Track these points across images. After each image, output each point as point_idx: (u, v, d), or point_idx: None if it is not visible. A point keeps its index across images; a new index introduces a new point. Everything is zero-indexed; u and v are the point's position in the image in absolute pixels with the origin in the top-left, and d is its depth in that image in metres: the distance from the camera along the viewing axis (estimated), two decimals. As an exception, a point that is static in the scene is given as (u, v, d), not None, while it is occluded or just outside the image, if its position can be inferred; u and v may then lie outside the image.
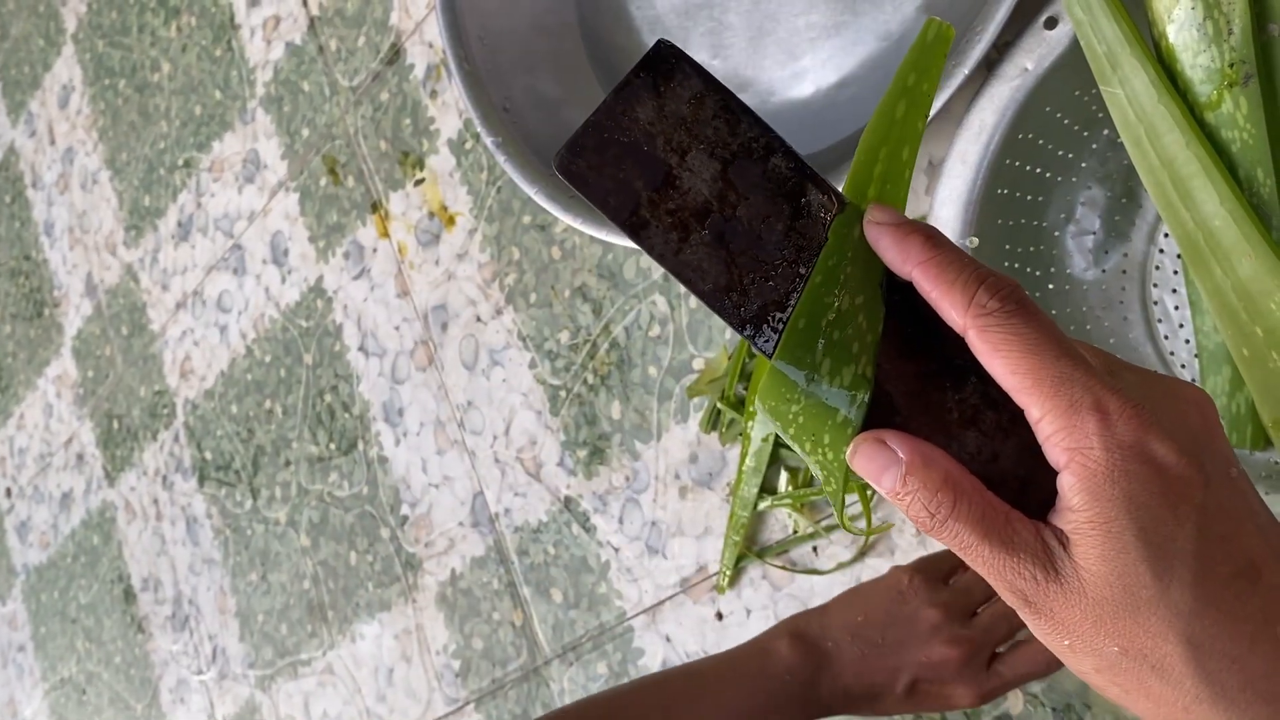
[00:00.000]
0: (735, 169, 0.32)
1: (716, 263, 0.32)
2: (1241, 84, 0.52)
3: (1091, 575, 0.29)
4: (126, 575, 1.42)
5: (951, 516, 0.30)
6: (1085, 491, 0.29)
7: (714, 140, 0.32)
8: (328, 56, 1.09)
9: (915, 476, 0.31)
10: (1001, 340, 0.30)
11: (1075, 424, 0.29)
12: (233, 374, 1.23)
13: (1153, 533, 0.29)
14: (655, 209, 0.32)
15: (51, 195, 1.54)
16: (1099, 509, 0.29)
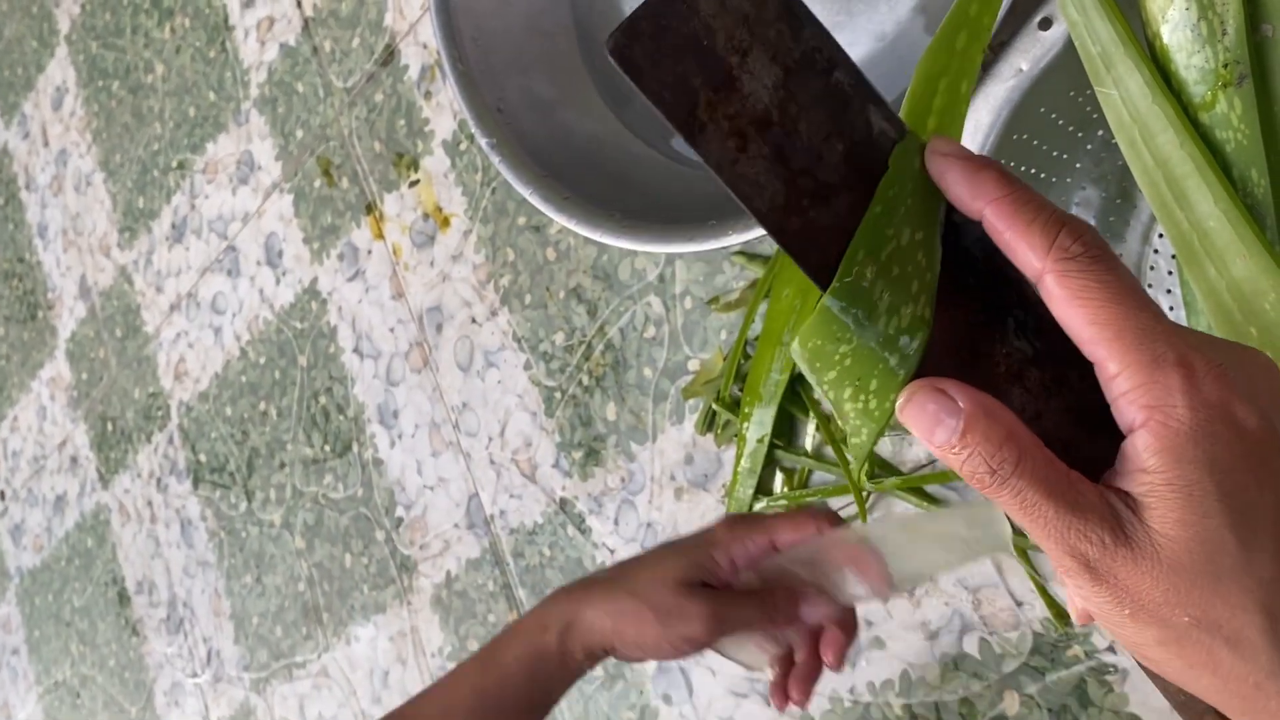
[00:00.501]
0: (796, 79, 0.29)
1: (775, 179, 0.29)
2: (1236, 84, 0.52)
3: (1168, 540, 0.27)
4: (121, 578, 1.42)
5: (1015, 474, 0.28)
6: (1165, 452, 0.27)
7: (776, 43, 0.29)
8: (322, 57, 1.09)
9: (976, 430, 0.28)
10: (1082, 287, 0.28)
11: (1158, 380, 0.27)
12: (227, 376, 1.22)
13: (1237, 498, 0.27)
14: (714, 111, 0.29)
15: (45, 197, 1.53)
16: (1180, 471, 0.27)
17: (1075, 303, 0.28)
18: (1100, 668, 0.62)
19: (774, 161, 0.29)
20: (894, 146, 0.30)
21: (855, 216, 0.29)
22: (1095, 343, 0.28)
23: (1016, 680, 0.65)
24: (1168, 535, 0.27)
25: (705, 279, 0.80)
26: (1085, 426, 0.29)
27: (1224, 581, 0.27)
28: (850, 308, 0.29)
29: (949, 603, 0.68)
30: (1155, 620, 0.28)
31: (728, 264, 0.79)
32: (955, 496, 0.67)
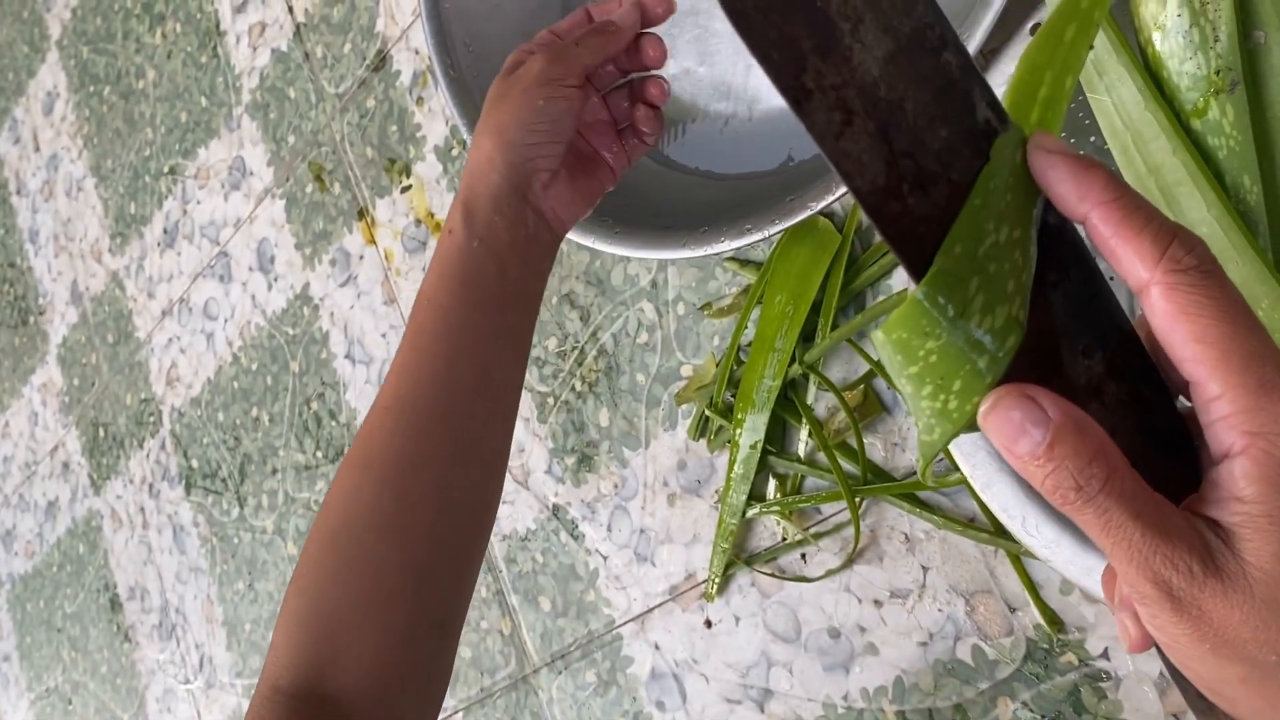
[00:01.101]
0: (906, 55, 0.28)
1: (878, 159, 0.28)
2: (1228, 91, 0.52)
3: (1264, 574, 0.26)
4: (113, 584, 1.41)
5: (1103, 491, 0.27)
6: (1265, 481, 0.26)
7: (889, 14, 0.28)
8: (314, 63, 1.09)
9: (1065, 443, 0.27)
10: (1192, 303, 0.26)
11: (1264, 406, 0.26)
12: (219, 382, 1.22)
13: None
14: (821, 79, 0.27)
15: (36, 202, 1.53)
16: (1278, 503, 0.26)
17: (1182, 318, 0.27)
18: (1094, 674, 0.62)
19: (878, 140, 0.28)
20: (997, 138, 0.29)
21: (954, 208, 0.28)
22: (1198, 362, 0.27)
23: (1010, 687, 0.65)
24: (1263, 569, 0.26)
25: (698, 285, 0.80)
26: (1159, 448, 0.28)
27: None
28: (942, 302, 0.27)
29: (942, 609, 0.68)
30: (1240, 657, 0.27)
31: (720, 270, 0.79)
32: (948, 504, 0.67)
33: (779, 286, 0.72)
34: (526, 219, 0.54)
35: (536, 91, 0.53)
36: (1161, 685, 0.60)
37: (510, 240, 0.53)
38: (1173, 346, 0.27)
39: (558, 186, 0.56)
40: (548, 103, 0.53)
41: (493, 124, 0.54)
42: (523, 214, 0.54)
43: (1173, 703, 0.59)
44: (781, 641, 0.75)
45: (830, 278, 0.71)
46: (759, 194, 0.71)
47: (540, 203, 0.55)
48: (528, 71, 0.54)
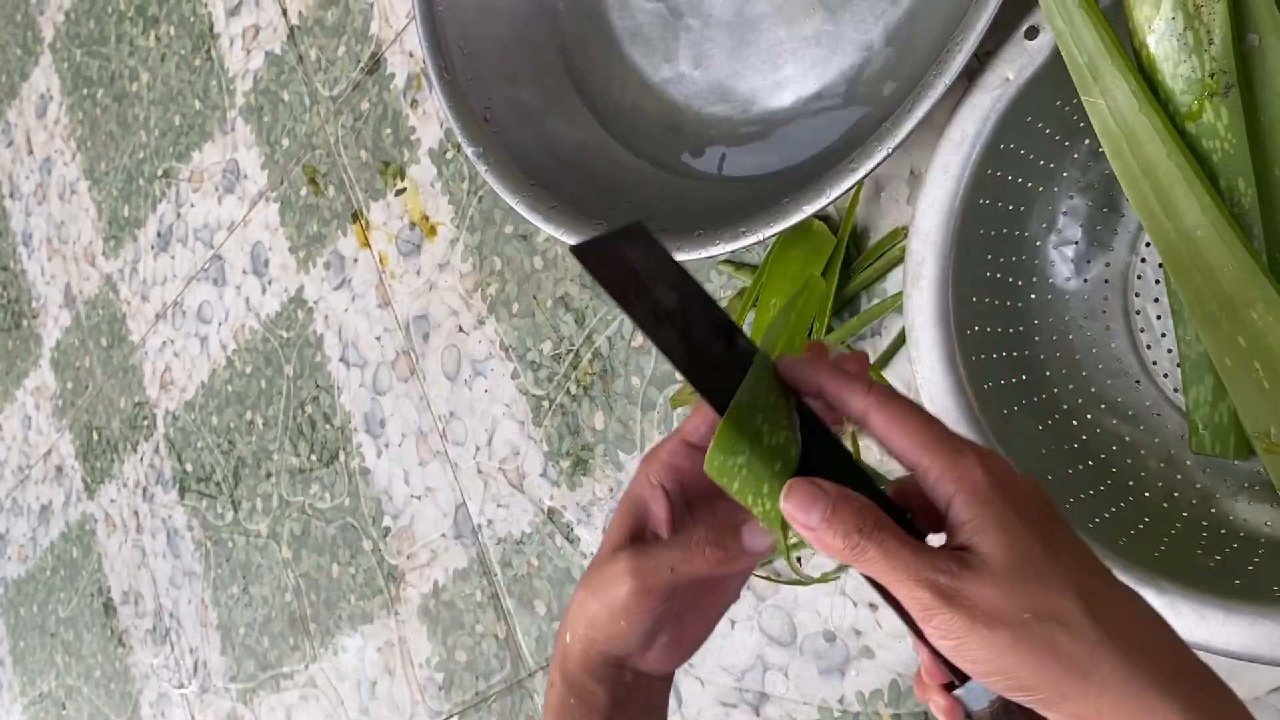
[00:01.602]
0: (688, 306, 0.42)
1: (681, 349, 0.41)
2: (1222, 94, 0.52)
3: (995, 557, 0.36)
4: (106, 588, 1.41)
5: (877, 529, 0.37)
6: (976, 503, 0.37)
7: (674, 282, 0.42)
8: (308, 66, 1.08)
9: (843, 507, 0.38)
10: (898, 413, 0.39)
11: (960, 462, 0.37)
12: (213, 385, 1.22)
13: (1035, 521, 0.36)
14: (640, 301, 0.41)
15: (29, 205, 1.52)
16: (991, 511, 0.36)
17: (893, 424, 0.39)
18: (1089, 677, 0.62)
19: (680, 339, 0.41)
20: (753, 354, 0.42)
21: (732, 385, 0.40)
22: (911, 449, 0.38)
23: (1006, 690, 0.65)
24: (996, 554, 0.36)
25: (693, 288, 0.80)
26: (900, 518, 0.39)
27: (1043, 575, 0.35)
28: (741, 427, 0.39)
29: (938, 612, 0.68)
30: (1004, 623, 0.35)
31: (715, 273, 0.79)
32: (944, 506, 0.67)
33: (774, 289, 0.72)
34: (624, 678, 0.51)
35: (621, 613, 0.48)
36: (1157, 688, 0.60)
37: (610, 698, 0.51)
38: (893, 445, 0.39)
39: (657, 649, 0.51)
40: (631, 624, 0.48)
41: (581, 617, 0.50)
42: (620, 675, 0.51)
43: (1168, 706, 0.59)
44: (777, 645, 0.75)
45: (825, 280, 0.71)
46: (753, 197, 0.71)
47: (639, 665, 0.51)
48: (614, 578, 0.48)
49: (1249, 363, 0.52)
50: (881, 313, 0.70)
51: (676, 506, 0.48)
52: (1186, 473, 0.58)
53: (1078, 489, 0.56)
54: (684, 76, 0.79)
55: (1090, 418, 0.60)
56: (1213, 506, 0.56)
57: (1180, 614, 0.49)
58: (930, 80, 0.58)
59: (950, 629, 0.35)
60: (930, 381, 0.59)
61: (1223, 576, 0.50)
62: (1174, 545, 0.53)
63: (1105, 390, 0.61)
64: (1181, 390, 0.58)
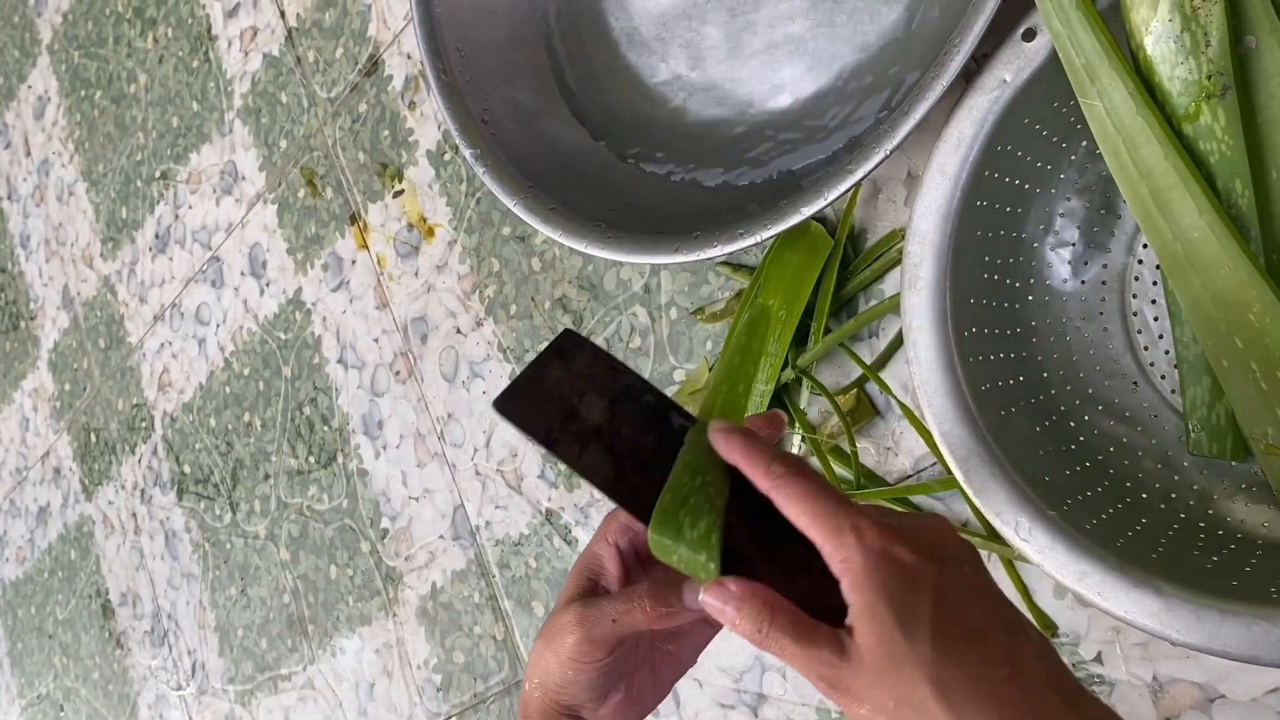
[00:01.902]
0: (619, 404, 0.47)
1: (607, 465, 0.46)
2: (1219, 96, 0.52)
3: (866, 647, 0.40)
4: (105, 590, 1.41)
5: (772, 627, 0.41)
6: (854, 588, 0.40)
7: (602, 388, 0.47)
8: (306, 68, 1.08)
9: (746, 604, 0.42)
10: (792, 492, 0.43)
11: (842, 542, 0.41)
12: (211, 387, 1.22)
13: (900, 607, 0.39)
14: (563, 429, 0.46)
15: (27, 207, 1.52)
16: (864, 597, 0.40)
17: (790, 503, 0.43)
18: (1087, 679, 0.62)
19: (605, 454, 0.46)
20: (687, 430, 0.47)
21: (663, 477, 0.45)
22: (807, 527, 0.42)
23: (1004, 691, 0.65)
24: (865, 644, 0.40)
25: (690, 289, 0.80)
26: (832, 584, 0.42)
27: (903, 665, 0.39)
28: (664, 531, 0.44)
29: (936, 613, 0.68)
30: (879, 709, 0.39)
31: (713, 274, 0.79)
32: (941, 507, 0.67)
33: (772, 291, 0.72)
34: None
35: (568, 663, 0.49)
36: (1155, 689, 0.60)
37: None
38: (794, 520, 0.43)
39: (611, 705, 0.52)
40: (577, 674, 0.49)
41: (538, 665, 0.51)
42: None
43: (1167, 707, 0.59)
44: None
45: (823, 282, 0.71)
46: (751, 198, 0.71)
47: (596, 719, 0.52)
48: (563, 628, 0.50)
49: (1246, 364, 0.52)
50: (879, 314, 0.70)
51: (629, 564, 0.51)
52: (1184, 474, 0.58)
53: (1075, 490, 0.57)
54: (681, 79, 0.79)
55: (1088, 419, 0.60)
56: (1210, 507, 0.56)
57: (1178, 615, 0.49)
58: (927, 82, 0.58)
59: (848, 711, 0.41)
60: (928, 383, 0.59)
61: (1220, 577, 0.50)
62: (1171, 546, 0.53)
63: (1103, 391, 0.61)
64: (1179, 391, 0.59)
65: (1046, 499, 0.55)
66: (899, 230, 0.69)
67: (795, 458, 0.45)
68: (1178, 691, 0.59)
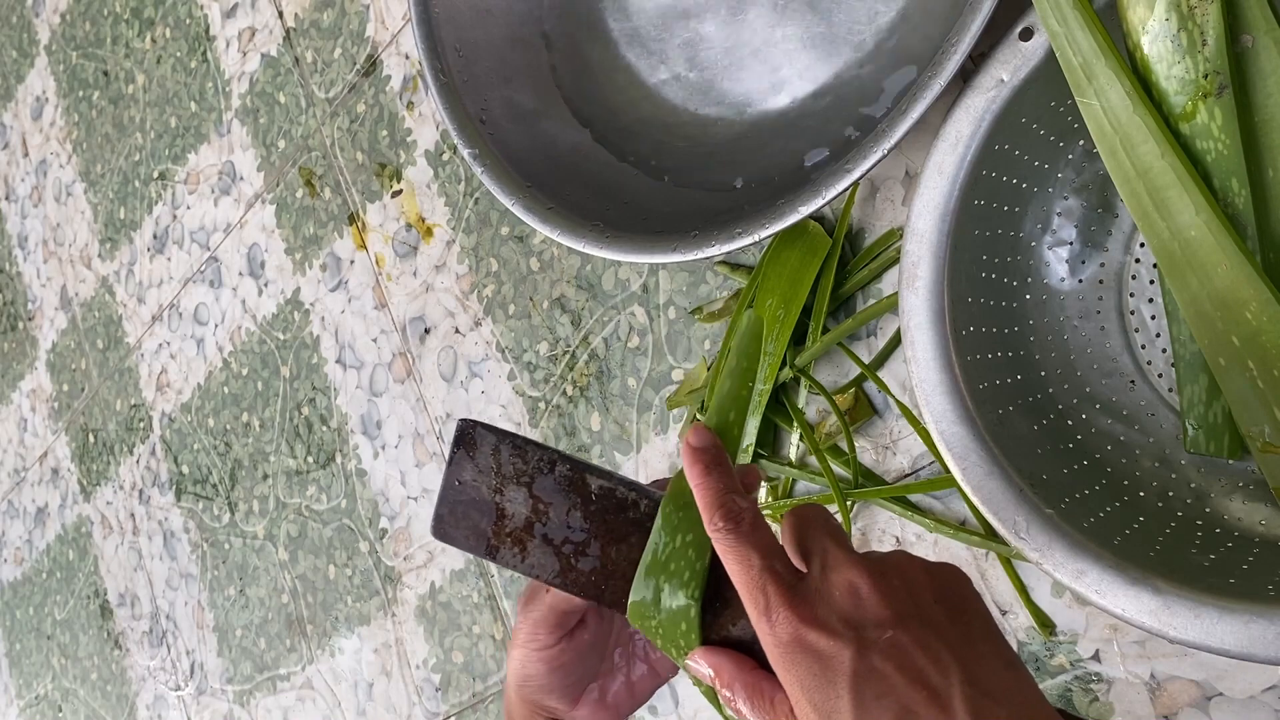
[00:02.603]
0: (537, 486, 0.45)
1: (550, 557, 0.45)
2: (1216, 95, 0.52)
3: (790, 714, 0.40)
4: (103, 590, 1.41)
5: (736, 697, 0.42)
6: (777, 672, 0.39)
7: (515, 473, 0.45)
8: (304, 68, 1.08)
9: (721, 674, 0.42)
10: (724, 550, 0.42)
11: (760, 625, 0.40)
12: (209, 387, 1.22)
13: (820, 704, 0.38)
14: (499, 535, 0.45)
15: (25, 208, 1.52)
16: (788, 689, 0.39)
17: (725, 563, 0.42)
18: (1085, 677, 0.62)
19: (545, 545, 0.45)
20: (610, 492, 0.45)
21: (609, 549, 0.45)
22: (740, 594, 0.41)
23: (1002, 689, 0.65)
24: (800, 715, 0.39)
25: (689, 289, 0.80)
26: None
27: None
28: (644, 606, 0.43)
29: (934, 612, 0.68)
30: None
31: (711, 274, 0.79)
32: (940, 507, 0.68)
33: (770, 290, 0.72)
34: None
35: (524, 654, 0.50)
36: (1153, 687, 0.60)
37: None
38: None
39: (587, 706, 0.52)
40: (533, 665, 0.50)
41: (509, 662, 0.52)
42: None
43: (1164, 704, 0.60)
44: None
45: (821, 281, 0.71)
46: (749, 198, 0.71)
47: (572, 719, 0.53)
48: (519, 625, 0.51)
49: (1243, 362, 0.52)
50: (877, 313, 0.70)
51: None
52: (1181, 472, 0.58)
53: (1073, 488, 0.57)
54: (680, 78, 0.79)
55: (1085, 417, 0.60)
56: (1207, 506, 0.56)
57: (1175, 613, 0.49)
58: (925, 81, 0.58)
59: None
60: (925, 381, 0.59)
61: (1218, 575, 0.50)
62: (1169, 544, 0.54)
63: (1100, 390, 0.61)
64: (1176, 390, 0.59)
65: (1044, 497, 0.55)
66: (897, 229, 0.69)
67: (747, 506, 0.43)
68: (1175, 689, 0.59)
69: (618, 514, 0.45)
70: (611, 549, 0.45)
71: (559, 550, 0.45)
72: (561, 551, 0.45)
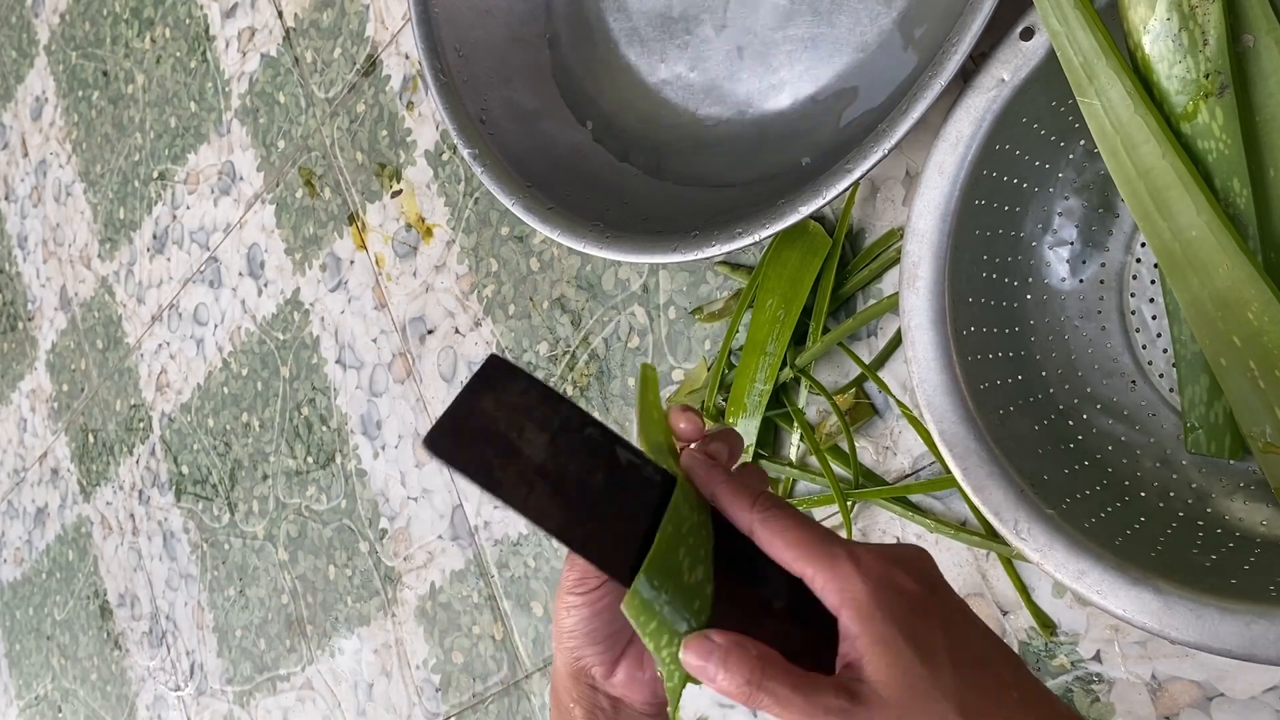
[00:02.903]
0: (560, 439, 0.42)
1: (555, 507, 0.42)
2: (1217, 95, 0.52)
3: (884, 683, 0.38)
4: (103, 591, 1.41)
5: (765, 677, 0.39)
6: (859, 619, 0.38)
7: (541, 419, 0.42)
8: (304, 68, 1.08)
9: (734, 656, 0.39)
10: (779, 527, 0.41)
11: (838, 571, 0.39)
12: (209, 387, 1.22)
13: (914, 637, 0.38)
14: (505, 469, 0.41)
15: (25, 208, 1.52)
16: (873, 628, 0.38)
17: (776, 537, 0.41)
18: (1086, 677, 0.62)
19: (553, 494, 0.42)
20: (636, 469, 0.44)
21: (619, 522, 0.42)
22: (795, 560, 0.40)
23: (1003, 690, 0.65)
24: (882, 679, 0.38)
25: (689, 289, 0.80)
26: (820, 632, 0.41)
27: (930, 697, 0.38)
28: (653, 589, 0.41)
29: (935, 612, 0.68)
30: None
31: (711, 274, 0.79)
32: (940, 507, 0.67)
33: (770, 290, 0.72)
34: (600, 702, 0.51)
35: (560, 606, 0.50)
36: (1153, 687, 0.60)
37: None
38: (779, 558, 0.41)
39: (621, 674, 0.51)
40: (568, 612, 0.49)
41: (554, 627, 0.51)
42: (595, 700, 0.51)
43: (1165, 705, 0.59)
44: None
45: (821, 281, 0.71)
46: (750, 198, 0.71)
47: (610, 690, 0.51)
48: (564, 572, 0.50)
49: (1244, 363, 0.52)
50: (877, 313, 0.70)
51: None
52: (1182, 472, 0.58)
53: (1074, 488, 0.57)
54: (680, 78, 0.79)
55: (1086, 417, 0.60)
56: (1208, 506, 0.56)
57: (1176, 613, 0.49)
58: (925, 81, 0.58)
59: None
60: (926, 382, 0.59)
61: (1219, 576, 0.50)
62: (1170, 544, 0.53)
63: (1101, 390, 0.61)
64: (1177, 390, 0.59)
65: (1045, 498, 0.55)
66: (897, 229, 0.69)
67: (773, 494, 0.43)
68: (1176, 690, 0.59)
69: (637, 490, 0.43)
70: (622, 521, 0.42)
71: (567, 503, 0.42)
72: (569, 506, 0.42)
